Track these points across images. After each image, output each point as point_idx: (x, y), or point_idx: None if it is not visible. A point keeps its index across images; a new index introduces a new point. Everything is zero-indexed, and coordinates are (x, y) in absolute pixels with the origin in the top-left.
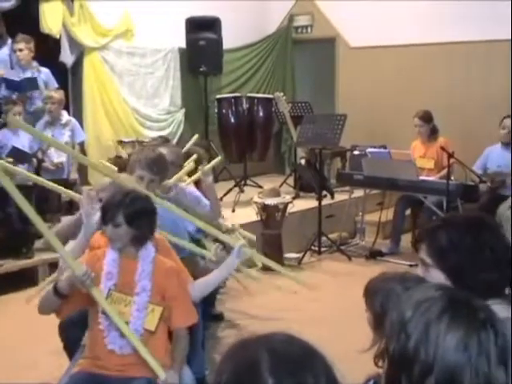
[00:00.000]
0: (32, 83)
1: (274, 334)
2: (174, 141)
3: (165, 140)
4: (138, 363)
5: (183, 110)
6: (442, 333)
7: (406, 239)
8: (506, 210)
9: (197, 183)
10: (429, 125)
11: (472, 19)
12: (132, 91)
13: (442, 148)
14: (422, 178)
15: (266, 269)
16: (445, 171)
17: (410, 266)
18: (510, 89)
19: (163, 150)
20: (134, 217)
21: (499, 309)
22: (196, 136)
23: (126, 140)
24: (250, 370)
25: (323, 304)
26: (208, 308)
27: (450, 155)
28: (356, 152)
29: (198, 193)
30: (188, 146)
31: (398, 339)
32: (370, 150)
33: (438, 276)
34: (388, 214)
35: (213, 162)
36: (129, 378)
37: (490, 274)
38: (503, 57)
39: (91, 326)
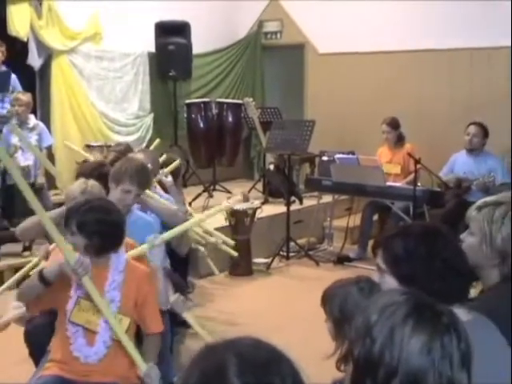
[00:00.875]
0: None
1: (241, 338)
2: (143, 145)
3: (128, 146)
4: (104, 370)
5: (152, 115)
6: (407, 336)
7: None
8: (473, 211)
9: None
10: (396, 131)
11: (438, 28)
12: (100, 95)
13: (409, 154)
14: (389, 183)
15: (234, 274)
16: (411, 176)
17: None
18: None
19: (142, 157)
20: (84, 226)
21: (459, 313)
22: (158, 140)
23: (95, 144)
24: (218, 374)
25: (290, 309)
26: (176, 314)
27: (417, 161)
28: (324, 158)
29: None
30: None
31: (363, 343)
32: (338, 155)
33: (391, 282)
34: (356, 220)
35: (171, 166)
36: (95, 382)
37: (440, 284)
38: (466, 65)
39: (58, 331)
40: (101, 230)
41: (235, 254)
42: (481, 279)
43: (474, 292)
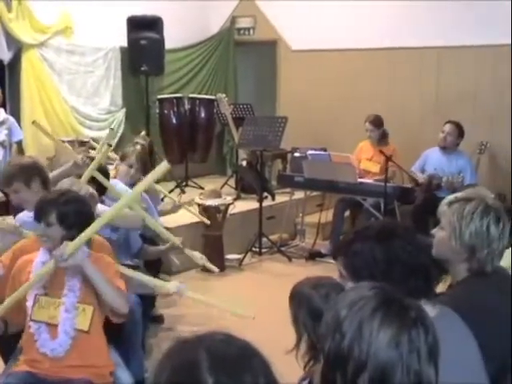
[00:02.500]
0: None
1: (212, 333)
2: (115, 141)
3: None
4: (75, 365)
5: (124, 110)
6: (375, 330)
7: None
8: (443, 205)
9: None
10: (379, 129)
11: (410, 25)
12: (72, 90)
13: (381, 151)
14: (360, 180)
15: (206, 270)
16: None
17: None
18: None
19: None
20: (65, 217)
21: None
22: (143, 133)
23: (66, 139)
24: (189, 369)
25: (263, 305)
26: (148, 310)
27: (388, 158)
28: (297, 154)
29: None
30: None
31: (332, 338)
32: (310, 152)
33: None
34: (328, 216)
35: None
36: (67, 379)
37: (402, 286)
38: (434, 63)
39: (25, 329)
40: (81, 221)
41: (216, 269)
42: (450, 273)
43: (442, 286)
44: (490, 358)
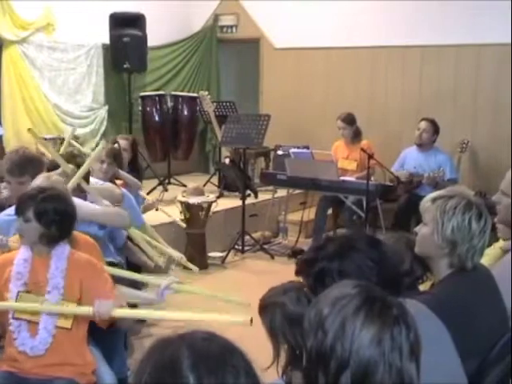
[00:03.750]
0: None
1: (194, 331)
2: (97, 138)
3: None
4: (55, 364)
5: (106, 107)
6: (358, 328)
7: None
8: (426, 202)
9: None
10: (352, 127)
11: (392, 24)
12: (53, 87)
13: (362, 149)
14: (342, 178)
15: (187, 268)
16: (365, 172)
17: None
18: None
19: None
20: (43, 214)
21: None
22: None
23: (48, 137)
24: (171, 367)
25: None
26: (131, 308)
27: (370, 156)
28: (279, 152)
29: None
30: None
31: (315, 336)
32: (292, 150)
33: None
34: (310, 214)
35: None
36: (49, 379)
37: None
38: (416, 61)
39: (6, 327)
40: (59, 219)
41: (196, 268)
42: (432, 271)
43: (424, 286)
44: (470, 356)
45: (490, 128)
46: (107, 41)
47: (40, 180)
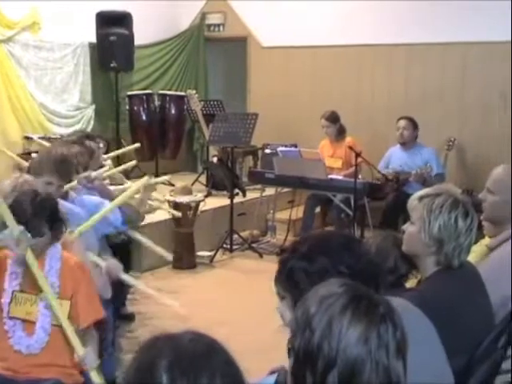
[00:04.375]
0: None
1: (181, 333)
2: None
3: (86, 135)
4: (45, 364)
5: (93, 107)
6: (345, 327)
7: None
8: (414, 200)
9: None
10: (335, 125)
11: (379, 23)
12: (40, 86)
13: (350, 147)
14: (330, 176)
15: (176, 267)
16: (351, 169)
17: None
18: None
19: (74, 150)
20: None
21: None
22: (137, 145)
23: (34, 136)
24: (150, 366)
25: (234, 301)
26: (119, 308)
27: (358, 154)
28: (267, 151)
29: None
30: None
31: (302, 335)
32: (280, 148)
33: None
34: (298, 212)
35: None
36: (36, 379)
37: None
38: (402, 60)
39: None
40: (55, 225)
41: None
42: (419, 269)
43: (410, 283)
44: (456, 354)
45: (476, 126)
46: (94, 40)
47: (8, 181)
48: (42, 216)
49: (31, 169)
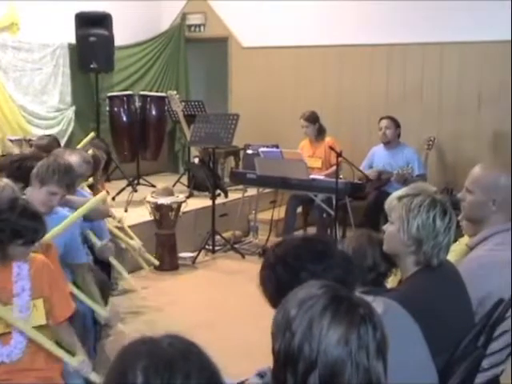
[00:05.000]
0: None
1: (159, 336)
2: (64, 139)
3: (54, 139)
4: (24, 369)
5: (73, 108)
6: (325, 329)
7: None
8: (393, 200)
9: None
10: (315, 125)
11: (359, 23)
12: (19, 87)
13: (331, 148)
14: (312, 176)
15: (158, 269)
16: (332, 169)
17: None
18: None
19: (75, 159)
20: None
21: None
22: (92, 135)
23: (13, 138)
24: (127, 369)
25: (217, 302)
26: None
27: (339, 154)
28: (249, 151)
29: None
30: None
31: (283, 337)
32: (262, 149)
33: None
34: (280, 212)
35: None
36: None
37: None
38: (383, 60)
39: None
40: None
41: (156, 262)
42: (400, 269)
43: (391, 282)
44: (438, 353)
45: (454, 125)
46: (73, 40)
47: None
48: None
49: (36, 175)
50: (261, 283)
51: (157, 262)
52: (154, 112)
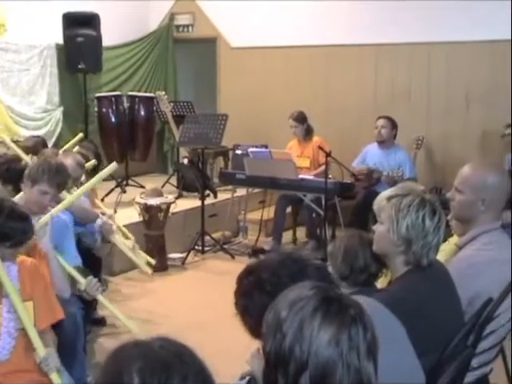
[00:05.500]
0: None
1: (152, 339)
2: (52, 140)
3: (41, 140)
4: (13, 371)
5: (61, 109)
6: (316, 330)
7: (287, 236)
8: (382, 200)
9: None
10: (303, 125)
11: (347, 23)
12: (6, 88)
13: (320, 147)
14: (301, 176)
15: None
16: (321, 168)
17: None
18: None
19: (69, 162)
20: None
21: None
22: (80, 135)
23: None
24: (120, 373)
25: (207, 303)
26: (89, 312)
27: (327, 154)
28: (238, 151)
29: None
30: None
31: (274, 338)
32: (251, 149)
33: None
34: (270, 212)
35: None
36: None
37: None
38: (371, 60)
39: None
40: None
41: (152, 261)
42: (389, 269)
43: (381, 283)
44: (427, 353)
45: (442, 125)
46: (61, 41)
47: None
48: None
49: (27, 175)
50: (240, 315)
51: (153, 261)
52: (142, 112)
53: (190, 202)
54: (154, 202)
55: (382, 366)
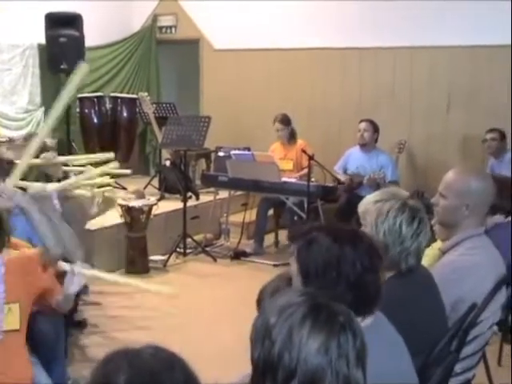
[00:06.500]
0: None
1: (140, 347)
2: None
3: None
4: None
5: (43, 109)
6: (305, 337)
7: (269, 239)
8: (368, 203)
9: None
10: (288, 128)
11: (332, 26)
12: None
13: (303, 151)
14: (284, 179)
15: (131, 272)
16: (303, 171)
17: (274, 265)
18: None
19: None
20: None
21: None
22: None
23: None
24: (107, 380)
25: (189, 306)
26: (71, 314)
27: (310, 157)
28: (220, 154)
29: None
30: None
31: (262, 345)
32: (234, 152)
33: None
34: (252, 215)
35: None
36: None
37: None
38: (355, 63)
39: None
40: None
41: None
42: None
43: None
44: (412, 357)
45: (424, 128)
46: (43, 41)
47: None
48: None
49: None
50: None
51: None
52: (124, 114)
53: (171, 204)
54: (136, 203)
55: (377, 368)
